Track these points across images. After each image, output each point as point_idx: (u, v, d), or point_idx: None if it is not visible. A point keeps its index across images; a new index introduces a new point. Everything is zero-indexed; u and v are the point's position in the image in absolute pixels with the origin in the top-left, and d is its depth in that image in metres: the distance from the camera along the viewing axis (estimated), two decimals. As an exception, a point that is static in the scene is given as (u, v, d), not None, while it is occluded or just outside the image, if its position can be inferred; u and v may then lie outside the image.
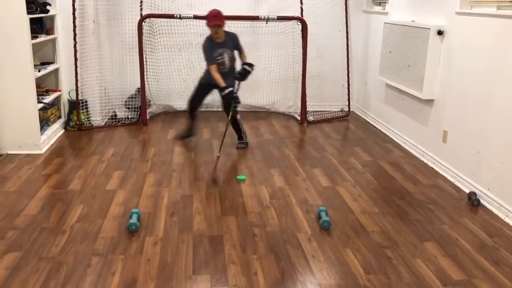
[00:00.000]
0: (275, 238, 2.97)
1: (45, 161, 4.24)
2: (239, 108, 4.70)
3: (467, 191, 3.73)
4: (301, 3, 5.65)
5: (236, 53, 4.63)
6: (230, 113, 4.50)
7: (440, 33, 4.16)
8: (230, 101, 4.45)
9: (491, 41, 3.51)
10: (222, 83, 4.37)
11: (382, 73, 5.25)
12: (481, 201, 3.55)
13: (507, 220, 3.28)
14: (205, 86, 4.70)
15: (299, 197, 3.60)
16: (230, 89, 4.39)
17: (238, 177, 3.92)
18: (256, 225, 3.13)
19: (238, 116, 4.72)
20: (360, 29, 6.23)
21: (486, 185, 3.55)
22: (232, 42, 4.58)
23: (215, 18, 4.38)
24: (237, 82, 4.52)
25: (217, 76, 4.40)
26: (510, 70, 3.29)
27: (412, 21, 4.72)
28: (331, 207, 3.43)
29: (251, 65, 4.56)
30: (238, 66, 4.66)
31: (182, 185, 3.79)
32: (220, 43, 4.49)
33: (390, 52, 5.01)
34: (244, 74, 4.54)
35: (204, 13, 5.50)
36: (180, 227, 3.09)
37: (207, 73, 4.56)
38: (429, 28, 4.19)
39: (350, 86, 6.24)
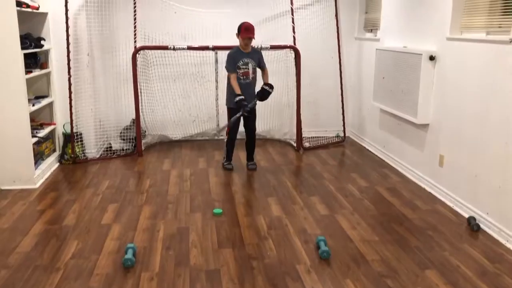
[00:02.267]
0: (273, 271, 2.92)
1: (39, 196, 4.19)
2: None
3: (466, 215, 3.70)
4: (293, 31, 5.72)
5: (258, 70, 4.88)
6: (242, 112, 4.66)
7: (432, 58, 4.20)
8: (239, 108, 4.63)
9: (482, 66, 3.54)
10: (237, 90, 4.64)
11: (376, 98, 5.28)
12: (481, 225, 3.52)
13: (508, 245, 3.24)
14: (234, 110, 4.75)
15: (297, 227, 3.56)
16: (242, 97, 4.61)
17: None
18: (254, 257, 3.08)
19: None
20: (353, 55, 6.30)
21: (485, 209, 3.52)
22: (257, 56, 4.83)
23: (248, 31, 4.63)
24: (255, 99, 4.76)
25: (234, 84, 4.67)
26: (503, 94, 3.31)
27: (404, 47, 4.77)
28: (330, 236, 3.39)
29: (271, 86, 4.78)
30: (258, 84, 4.88)
31: (178, 217, 3.74)
32: (247, 54, 4.74)
33: (383, 78, 5.05)
34: (263, 94, 4.76)
35: (198, 44, 5.60)
36: (177, 261, 3.03)
37: (230, 94, 4.76)
38: (421, 54, 4.24)
39: (344, 112, 6.27)
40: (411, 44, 4.69)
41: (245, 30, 4.63)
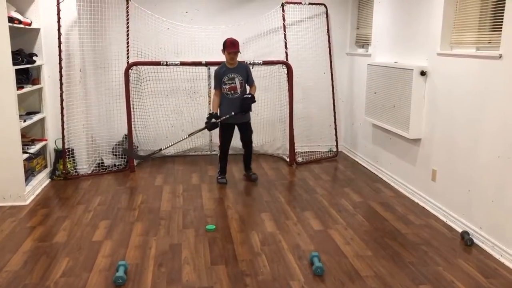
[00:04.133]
0: (267, 287, 2.88)
1: (29, 213, 4.14)
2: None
3: (460, 230, 3.70)
4: (286, 47, 5.76)
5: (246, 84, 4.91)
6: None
7: (423, 73, 4.23)
8: (207, 127, 4.80)
9: (473, 81, 3.57)
10: (213, 109, 4.84)
11: (368, 113, 5.30)
12: (475, 240, 3.52)
13: (501, 259, 3.24)
14: (224, 125, 4.87)
15: (291, 242, 3.53)
16: (208, 115, 4.81)
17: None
18: (248, 274, 3.04)
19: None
20: (344, 71, 6.35)
21: (478, 224, 3.52)
22: (245, 71, 4.86)
23: (233, 46, 4.68)
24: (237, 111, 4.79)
25: (214, 99, 4.84)
26: (494, 108, 3.34)
27: (395, 62, 4.82)
28: (324, 252, 3.36)
29: (252, 95, 4.83)
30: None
31: (170, 233, 3.70)
32: (233, 69, 4.78)
33: (375, 93, 5.08)
34: (243, 104, 4.78)
35: (190, 60, 5.61)
36: (169, 279, 2.99)
37: (222, 109, 4.84)
38: (412, 69, 4.27)
39: (337, 127, 6.29)
40: (402, 60, 4.73)
41: (231, 44, 4.68)
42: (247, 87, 4.91)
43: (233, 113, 4.76)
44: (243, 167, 5.22)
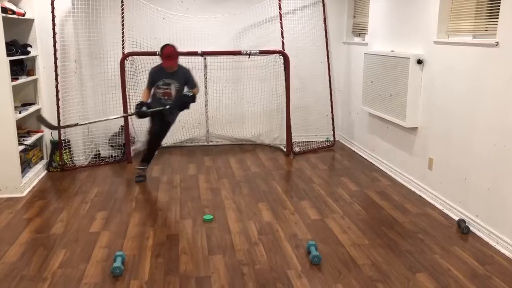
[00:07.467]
0: (264, 277, 2.89)
1: (26, 205, 4.13)
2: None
3: (456, 218, 3.71)
4: (282, 36, 5.73)
5: (186, 88, 4.63)
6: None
7: (419, 62, 4.22)
8: (136, 113, 4.54)
9: (469, 69, 3.56)
10: (143, 98, 4.59)
11: (365, 102, 5.29)
12: (471, 228, 3.53)
13: (497, 247, 3.26)
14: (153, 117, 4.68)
15: (288, 232, 3.54)
16: (137, 106, 4.50)
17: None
18: (245, 264, 3.05)
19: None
20: (341, 60, 6.33)
21: (474, 212, 3.54)
22: (184, 76, 4.57)
23: (169, 60, 4.37)
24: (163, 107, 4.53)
25: (145, 94, 4.61)
26: (490, 96, 3.33)
27: (392, 51, 4.80)
28: (321, 241, 3.37)
29: (192, 93, 4.58)
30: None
31: (167, 224, 3.70)
32: (170, 74, 4.49)
33: (372, 82, 5.07)
34: (182, 102, 4.53)
35: (186, 49, 5.57)
36: (166, 269, 2.99)
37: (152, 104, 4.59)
38: (409, 58, 4.26)
39: (334, 116, 6.28)
40: (399, 48, 4.72)
41: (166, 58, 4.35)
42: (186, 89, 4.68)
43: (168, 107, 4.50)
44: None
